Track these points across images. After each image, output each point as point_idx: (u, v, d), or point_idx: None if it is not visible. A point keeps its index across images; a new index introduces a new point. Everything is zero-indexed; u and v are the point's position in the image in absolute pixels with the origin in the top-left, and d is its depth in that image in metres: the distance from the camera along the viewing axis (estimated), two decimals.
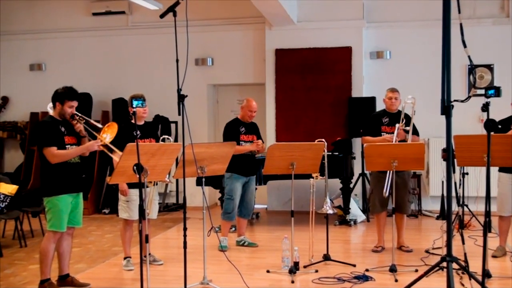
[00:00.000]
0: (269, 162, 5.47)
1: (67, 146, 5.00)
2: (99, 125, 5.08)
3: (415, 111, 6.23)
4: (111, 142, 5.06)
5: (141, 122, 5.89)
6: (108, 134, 5.03)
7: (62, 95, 5.02)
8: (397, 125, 6.19)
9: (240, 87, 10.23)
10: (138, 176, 4.30)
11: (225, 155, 5.39)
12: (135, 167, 4.33)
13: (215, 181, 7.81)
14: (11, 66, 10.59)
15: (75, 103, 5.05)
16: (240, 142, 6.52)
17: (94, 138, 5.07)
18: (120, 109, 9.82)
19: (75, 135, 5.09)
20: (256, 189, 6.99)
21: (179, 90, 4.55)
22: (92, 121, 5.16)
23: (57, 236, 5.03)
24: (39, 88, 10.46)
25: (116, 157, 4.99)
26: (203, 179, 5.13)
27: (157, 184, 5.93)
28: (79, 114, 5.10)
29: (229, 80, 9.99)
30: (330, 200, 6.92)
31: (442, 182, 8.82)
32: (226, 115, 10.33)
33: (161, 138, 6.10)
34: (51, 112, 5.14)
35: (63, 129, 5.03)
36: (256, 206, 8.46)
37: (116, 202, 6.21)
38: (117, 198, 5.92)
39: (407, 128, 6.19)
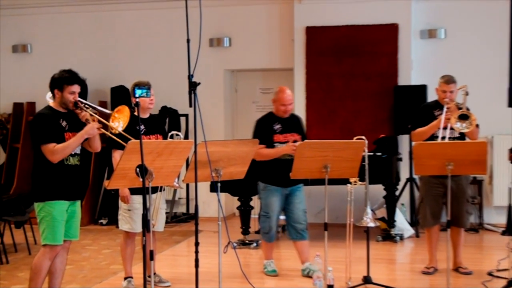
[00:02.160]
0: (298, 164, 5.48)
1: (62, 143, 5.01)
2: (107, 111, 5.12)
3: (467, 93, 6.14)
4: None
5: (146, 115, 5.93)
6: (120, 121, 5.05)
7: (60, 81, 5.06)
8: (445, 108, 6.12)
9: (263, 73, 10.25)
10: (141, 180, 4.33)
11: (245, 155, 5.40)
12: (138, 169, 4.36)
13: (233, 187, 7.85)
14: None
15: (76, 88, 5.08)
16: (275, 144, 6.23)
17: (106, 128, 5.10)
18: (121, 99, 9.87)
19: (79, 130, 5.10)
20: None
21: (190, 77, 4.57)
22: (99, 107, 5.19)
23: (54, 251, 5.07)
24: (24, 74, 10.61)
25: (117, 157, 5.00)
26: (219, 184, 5.15)
27: (164, 189, 5.98)
28: (83, 101, 5.13)
29: (250, 65, 10.02)
30: (372, 210, 6.91)
31: (509, 189, 8.74)
32: (246, 106, 10.36)
33: (169, 134, 6.15)
34: (50, 102, 5.18)
35: (64, 123, 5.06)
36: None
37: (115, 211, 6.25)
38: (116, 206, 5.97)
39: (461, 105, 6.10)
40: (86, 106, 5.11)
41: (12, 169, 10.13)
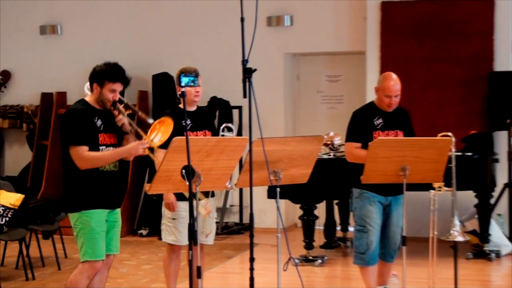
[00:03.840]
0: (370, 166, 5.46)
1: (101, 148, 5.06)
2: (150, 120, 5.15)
3: None
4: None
5: (193, 108, 5.95)
6: (159, 134, 5.07)
7: (102, 75, 5.08)
8: None
9: (330, 57, 10.23)
10: (188, 183, 4.36)
11: (309, 155, 5.40)
12: (184, 171, 4.39)
13: (294, 192, 7.86)
14: (15, 29, 10.96)
15: (118, 86, 5.10)
16: None
17: (140, 137, 5.11)
18: (164, 89, 10.01)
19: (115, 132, 5.15)
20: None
21: (244, 62, 4.59)
22: (141, 113, 5.22)
23: (94, 268, 5.10)
24: (54, 59, 10.83)
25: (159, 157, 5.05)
26: (278, 190, 5.16)
27: (213, 195, 6.03)
28: (124, 101, 5.16)
29: (314, 48, 10.01)
30: (460, 222, 6.82)
31: None
32: (310, 97, 10.36)
33: (221, 129, 6.15)
34: (87, 94, 5.23)
35: (99, 122, 5.09)
36: (352, 229, 8.46)
37: (157, 219, 6.29)
38: (159, 214, 6.02)
39: None
40: (126, 106, 5.13)
41: (40, 170, 10.33)
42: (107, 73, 5.07)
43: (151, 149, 5.15)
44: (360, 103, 9.45)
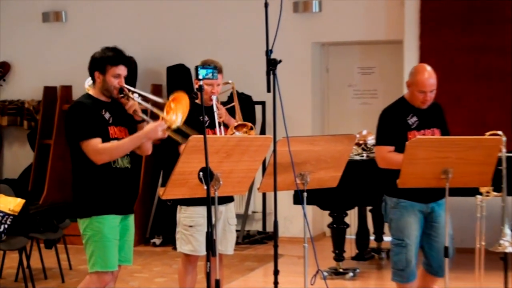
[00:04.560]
0: (408, 168, 5.41)
1: (112, 141, 5.08)
2: (160, 99, 5.18)
3: None
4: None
5: (210, 103, 5.97)
6: (179, 113, 5.07)
7: (102, 61, 5.12)
8: None
9: (364, 47, 10.23)
10: (206, 187, 4.36)
11: (340, 156, 5.38)
12: (201, 174, 4.39)
13: (323, 198, 7.84)
14: (15, 16, 10.99)
15: (122, 70, 5.14)
16: None
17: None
18: (179, 82, 9.99)
19: (126, 125, 5.20)
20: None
21: (268, 53, 4.59)
22: (150, 95, 5.26)
23: (103, 280, 5.10)
24: (57, 49, 10.87)
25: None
26: (305, 194, 5.14)
27: (232, 200, 6.02)
28: (130, 88, 5.19)
29: (345, 36, 9.99)
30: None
31: None
32: (340, 91, 10.34)
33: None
34: (89, 89, 5.29)
35: (107, 115, 5.13)
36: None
37: (171, 227, 6.28)
38: (173, 221, 6.01)
39: None
40: (134, 93, 5.17)
41: (42, 172, 10.36)
42: (108, 58, 5.12)
43: (177, 132, 5.15)
44: (397, 98, 9.51)
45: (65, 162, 9.06)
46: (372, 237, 8.99)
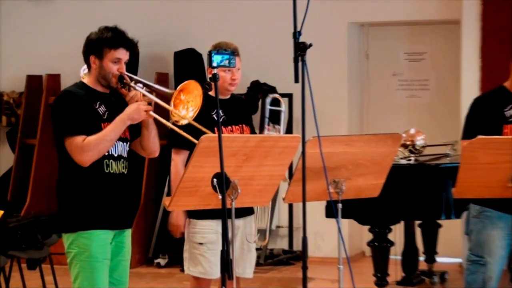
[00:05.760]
0: (466, 175, 5.42)
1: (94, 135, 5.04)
2: (167, 89, 5.15)
3: None
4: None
5: (227, 95, 5.97)
6: (189, 106, 5.04)
7: (99, 43, 5.09)
8: None
9: (412, 28, 10.26)
10: (221, 197, 4.36)
11: (382, 159, 5.38)
12: (216, 181, 4.39)
13: (362, 210, 7.81)
14: None
15: (123, 54, 5.13)
16: None
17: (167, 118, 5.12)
18: (189, 70, 10.03)
19: None
20: None
21: (296, 36, 4.58)
22: (156, 85, 5.23)
23: None
24: (44, 32, 10.94)
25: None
26: (340, 206, 5.16)
27: (252, 212, 6.00)
28: (132, 76, 5.17)
29: (390, 15, 10.02)
30: None
31: None
32: (383, 81, 10.34)
33: (266, 122, 6.14)
34: (84, 77, 5.28)
35: (102, 109, 5.11)
36: (440, 259, 8.41)
37: (178, 245, 6.31)
38: (180, 238, 6.04)
39: None
40: (137, 83, 5.14)
41: (24, 178, 10.41)
42: (106, 39, 5.09)
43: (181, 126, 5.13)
44: (454, 89, 9.48)
45: (52, 165, 9.06)
46: (422, 258, 8.96)
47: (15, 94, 10.85)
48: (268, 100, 6.28)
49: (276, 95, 6.15)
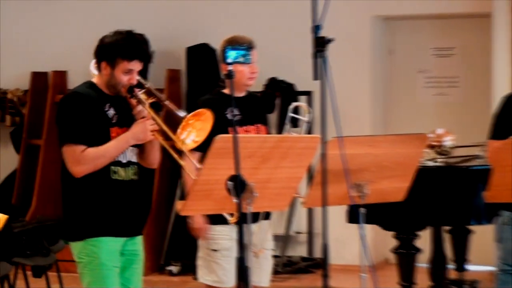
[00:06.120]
0: (500, 178, 5.40)
1: (96, 148, 5.04)
2: (181, 113, 5.13)
3: None
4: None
5: (242, 93, 5.98)
6: (193, 132, 5.07)
7: (111, 50, 5.07)
8: None
9: (439, 22, 10.28)
10: (236, 201, 4.36)
11: (408, 161, 5.37)
12: (231, 184, 4.39)
13: (386, 215, 7.79)
14: None
15: (136, 65, 5.09)
16: None
17: (169, 138, 5.11)
18: (202, 67, 10.04)
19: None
20: None
21: (315, 30, 4.57)
22: (169, 101, 5.19)
23: None
24: (49, 27, 10.98)
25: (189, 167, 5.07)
26: (362, 210, 5.16)
27: (268, 217, 6.01)
28: (145, 85, 5.16)
29: (416, 8, 10.03)
30: None
31: None
32: (408, 79, 10.34)
33: (285, 123, 6.14)
34: (95, 75, 5.25)
35: (111, 112, 5.11)
36: (472, 268, 8.39)
37: (191, 252, 6.33)
38: (194, 244, 6.05)
39: None
40: (148, 92, 5.12)
41: (30, 181, 10.49)
42: (120, 48, 5.05)
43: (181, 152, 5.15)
44: (485, 86, 9.45)
45: (58, 167, 9.02)
46: (451, 266, 8.92)
47: (19, 92, 10.89)
48: (291, 107, 6.27)
49: (302, 104, 6.12)
